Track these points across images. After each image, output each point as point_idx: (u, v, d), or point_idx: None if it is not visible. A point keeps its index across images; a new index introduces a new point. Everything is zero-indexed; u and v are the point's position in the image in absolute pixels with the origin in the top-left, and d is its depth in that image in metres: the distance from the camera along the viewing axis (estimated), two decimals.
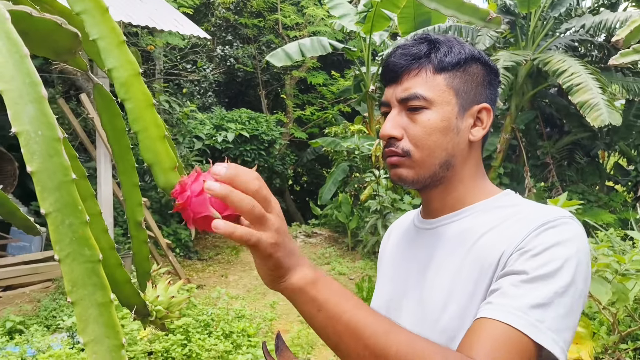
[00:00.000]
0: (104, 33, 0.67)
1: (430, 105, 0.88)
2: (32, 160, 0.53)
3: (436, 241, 0.94)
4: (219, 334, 3.90)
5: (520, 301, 0.72)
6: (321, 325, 0.67)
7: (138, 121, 0.70)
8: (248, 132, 8.30)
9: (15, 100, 0.55)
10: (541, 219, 0.81)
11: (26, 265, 5.41)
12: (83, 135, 5.88)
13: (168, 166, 0.73)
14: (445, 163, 0.90)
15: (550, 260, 0.76)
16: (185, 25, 5.73)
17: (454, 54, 0.90)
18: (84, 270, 0.53)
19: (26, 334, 3.98)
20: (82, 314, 0.52)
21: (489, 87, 0.93)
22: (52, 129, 0.54)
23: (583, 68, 6.34)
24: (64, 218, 0.52)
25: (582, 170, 8.69)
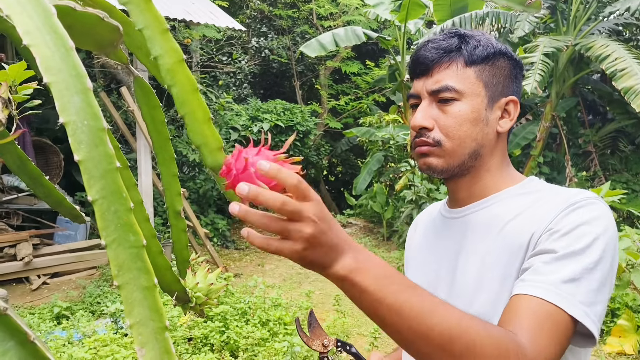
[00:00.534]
0: (148, 22, 0.69)
1: (461, 96, 0.92)
2: (79, 149, 0.55)
3: (464, 229, 0.97)
4: (256, 321, 3.96)
5: (552, 277, 0.76)
6: (367, 309, 0.69)
7: (185, 105, 0.72)
8: (283, 123, 8.35)
9: (62, 92, 0.57)
10: (569, 200, 0.84)
11: (72, 254, 5.62)
12: (124, 127, 6.03)
13: (215, 147, 0.75)
14: (474, 153, 0.94)
15: (579, 238, 0.79)
16: (220, 17, 5.79)
17: (483, 47, 0.93)
18: (129, 255, 0.55)
19: (72, 319, 4.14)
20: (128, 297, 0.54)
21: (515, 80, 0.97)
22: (97, 120, 0.56)
23: (628, 52, 6.11)
24: (109, 205, 0.55)
25: (627, 159, 8.39)
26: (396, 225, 7.48)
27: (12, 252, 5.26)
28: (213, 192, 7.12)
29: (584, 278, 0.76)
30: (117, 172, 0.55)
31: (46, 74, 0.59)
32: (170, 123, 7.50)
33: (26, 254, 5.24)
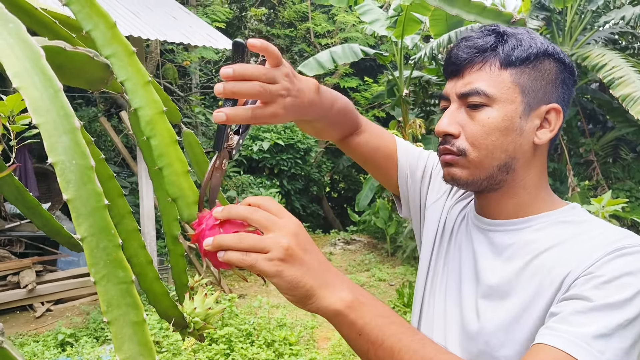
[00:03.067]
0: (130, 75, 0.70)
1: (492, 102, 0.82)
2: (68, 188, 0.56)
3: (489, 245, 0.88)
4: (261, 342, 3.94)
5: (583, 329, 0.68)
6: (362, 350, 0.66)
7: (163, 157, 0.73)
8: (283, 141, 8.38)
9: (51, 132, 0.58)
10: (615, 244, 0.74)
11: (75, 279, 5.61)
12: (124, 151, 6.06)
13: (192, 200, 0.75)
14: (504, 165, 0.83)
15: (620, 289, 0.70)
16: (218, 39, 5.85)
17: (523, 47, 0.82)
18: (119, 291, 0.56)
19: (76, 346, 4.13)
20: (118, 332, 0.55)
21: (562, 86, 0.85)
22: (85, 158, 0.57)
23: (624, 61, 6.14)
24: (98, 242, 0.55)
25: (629, 167, 8.38)
26: (400, 240, 7.45)
27: (15, 280, 5.26)
28: None
29: (617, 335, 0.68)
30: (105, 210, 0.56)
31: (35, 115, 0.60)
32: None
33: (29, 281, 5.24)
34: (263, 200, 0.67)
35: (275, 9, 10.84)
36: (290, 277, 0.62)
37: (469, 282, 0.89)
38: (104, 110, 7.41)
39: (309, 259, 0.64)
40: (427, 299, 0.99)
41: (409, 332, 0.66)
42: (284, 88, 0.72)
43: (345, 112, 0.99)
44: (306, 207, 9.66)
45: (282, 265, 0.62)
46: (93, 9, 0.71)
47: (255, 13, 10.38)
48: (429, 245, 1.02)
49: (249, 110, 0.70)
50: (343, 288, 0.65)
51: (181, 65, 8.46)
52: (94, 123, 6.89)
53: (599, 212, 3.51)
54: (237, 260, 0.62)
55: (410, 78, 8.17)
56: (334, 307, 0.64)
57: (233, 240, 0.62)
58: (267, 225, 0.64)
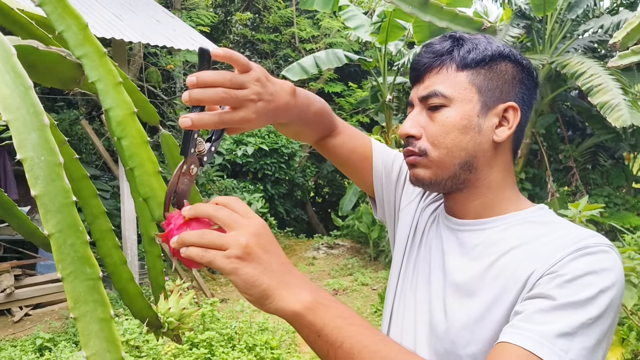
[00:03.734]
0: (101, 75, 0.71)
1: (450, 102, 0.85)
2: (36, 184, 0.57)
3: (457, 244, 0.90)
4: (242, 347, 3.93)
5: (546, 328, 0.68)
6: (322, 351, 0.66)
7: (134, 157, 0.73)
8: (267, 146, 8.38)
9: (20, 129, 0.59)
10: (579, 243, 0.75)
11: (54, 284, 5.53)
12: (106, 154, 6.02)
13: (162, 200, 0.76)
14: (466, 164, 0.86)
15: (584, 288, 0.71)
16: (202, 43, 5.84)
17: (478, 50, 0.86)
18: (86, 288, 0.56)
19: (55, 350, 4.07)
20: (85, 329, 0.55)
21: (520, 86, 0.88)
22: (53, 155, 0.58)
23: (602, 69, 6.25)
24: (65, 238, 0.56)
25: (607, 173, 8.52)
26: (382, 245, 7.48)
27: None
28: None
29: (581, 334, 0.68)
30: (73, 206, 0.57)
31: (5, 112, 0.61)
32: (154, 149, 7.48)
33: (8, 285, 5.16)
34: (230, 200, 0.68)
35: (261, 14, 10.85)
36: (246, 275, 0.63)
37: (437, 281, 0.90)
38: (85, 113, 7.34)
39: (269, 259, 0.65)
40: (397, 302, 0.99)
41: (369, 332, 0.66)
42: (255, 93, 0.73)
43: (322, 114, 1.00)
44: (290, 211, 9.65)
45: (239, 263, 0.62)
46: (66, 10, 0.72)
47: (240, 17, 10.39)
48: (401, 248, 1.03)
49: (215, 115, 0.70)
50: (302, 290, 0.66)
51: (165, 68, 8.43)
52: (75, 126, 6.83)
53: (575, 217, 3.56)
54: (196, 256, 0.63)
55: (394, 84, 8.23)
56: (291, 308, 0.64)
57: (194, 237, 0.63)
58: (230, 223, 0.65)
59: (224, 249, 0.63)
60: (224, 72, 0.70)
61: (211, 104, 0.70)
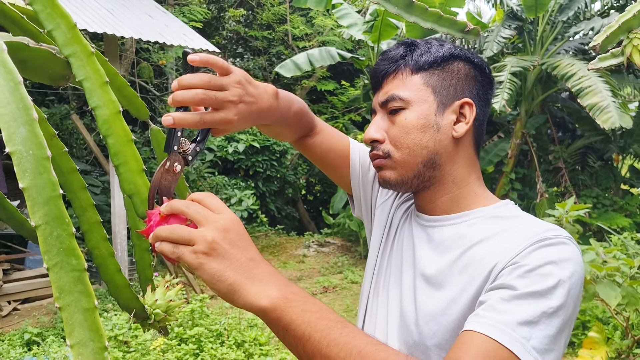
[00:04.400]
0: (88, 74, 0.73)
1: (408, 105, 0.89)
2: (24, 177, 0.58)
3: (427, 240, 0.92)
4: (231, 343, 3.94)
5: (508, 316, 0.70)
6: (292, 345, 0.68)
7: (119, 155, 0.75)
8: (259, 143, 8.38)
9: (10, 123, 0.60)
10: (538, 235, 0.78)
11: (43, 279, 5.52)
12: (96, 149, 6.00)
13: (146, 197, 0.78)
14: (429, 162, 0.89)
15: (544, 278, 0.73)
16: (194, 39, 5.84)
17: (430, 53, 0.90)
18: (71, 279, 0.58)
19: (43, 345, 4.07)
20: (69, 318, 0.57)
21: (474, 82, 0.92)
22: (41, 149, 0.59)
23: (592, 71, 6.31)
24: (52, 230, 0.58)
25: (596, 174, 8.61)
26: None
27: None
28: None
29: (542, 322, 0.70)
30: (60, 199, 0.59)
31: None
32: (146, 145, 7.48)
33: None
34: (203, 196, 0.70)
35: (254, 11, 10.84)
36: (212, 270, 0.64)
37: (408, 275, 0.92)
38: (76, 108, 7.31)
39: (236, 254, 0.66)
40: (371, 298, 1.01)
41: (338, 325, 0.67)
42: (235, 95, 0.76)
43: (302, 114, 1.04)
44: (281, 209, 9.67)
45: (204, 258, 0.64)
46: (55, 9, 0.74)
47: (233, 14, 10.37)
48: (375, 246, 1.06)
49: (197, 115, 0.73)
50: (270, 285, 0.67)
51: (157, 64, 8.40)
52: (66, 120, 6.80)
53: (563, 216, 3.61)
54: (167, 251, 0.65)
55: None
56: (259, 304, 0.66)
57: (166, 232, 0.65)
58: (199, 219, 0.66)
59: (192, 244, 0.65)
60: (203, 74, 0.73)
61: (191, 105, 0.73)
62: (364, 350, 0.66)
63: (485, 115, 0.94)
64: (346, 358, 0.65)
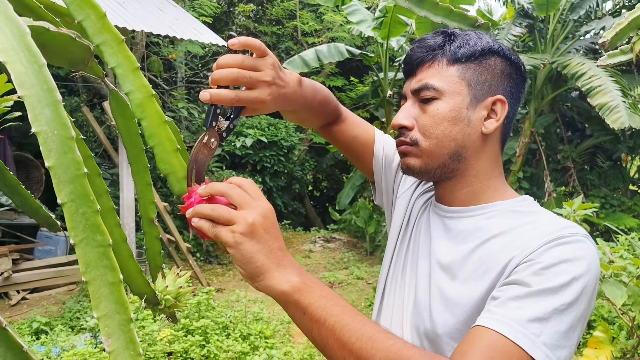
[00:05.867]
0: (120, 61, 0.75)
1: (441, 95, 0.88)
2: (50, 156, 0.60)
3: (444, 230, 0.93)
4: (237, 335, 3.97)
5: (519, 313, 0.71)
6: (307, 328, 0.71)
7: (153, 137, 0.79)
8: (267, 138, 8.40)
9: (35, 105, 0.62)
10: (556, 232, 0.78)
11: (52, 269, 5.58)
12: (106, 142, 6.04)
13: (182, 176, 0.82)
14: (455, 154, 0.89)
15: (557, 275, 0.74)
16: (204, 34, 5.86)
17: (469, 45, 0.90)
18: (96, 254, 0.60)
19: (51, 334, 4.11)
20: (95, 292, 0.59)
21: (509, 80, 0.92)
22: (66, 129, 0.61)
23: (602, 70, 6.28)
24: (77, 207, 0.59)
25: (605, 175, 8.56)
26: (379, 239, 7.52)
27: None
28: None
29: (553, 319, 0.71)
30: (84, 177, 0.60)
31: (20, 88, 0.64)
32: None
33: (5, 269, 5.19)
34: (244, 182, 0.73)
35: (264, 6, 10.85)
36: (245, 251, 0.68)
37: (424, 263, 0.94)
38: (86, 100, 7.36)
39: (269, 240, 0.70)
40: (388, 286, 1.03)
41: (351, 313, 0.71)
42: (269, 75, 0.79)
43: (327, 102, 1.06)
44: (288, 204, 9.69)
45: (241, 238, 0.68)
46: (85, 1, 0.76)
47: (243, 9, 10.38)
48: (394, 235, 1.07)
49: (232, 92, 0.76)
50: (292, 272, 0.71)
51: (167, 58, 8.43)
52: (76, 113, 6.84)
53: (570, 215, 3.60)
54: (206, 229, 0.68)
55: (395, 80, 8.25)
56: (280, 288, 0.69)
57: (206, 209, 0.69)
58: (241, 202, 0.70)
59: (231, 224, 0.68)
60: (239, 55, 0.76)
61: (226, 83, 0.76)
62: (374, 336, 0.69)
63: (515, 113, 0.94)
64: (357, 342, 0.68)
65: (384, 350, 0.67)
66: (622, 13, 7.62)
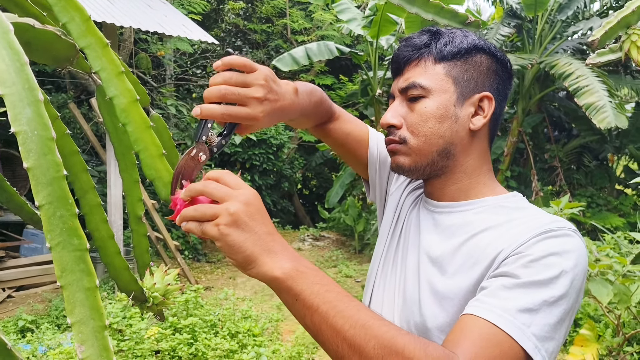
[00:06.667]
0: (104, 65, 0.74)
1: (428, 93, 0.89)
2: (29, 157, 0.59)
3: (433, 224, 0.94)
4: (225, 333, 3.95)
5: (509, 303, 0.72)
6: (300, 315, 0.69)
7: (138, 142, 0.78)
8: (256, 136, 8.38)
9: (15, 104, 0.61)
10: (544, 227, 0.79)
11: (38, 267, 5.52)
12: (94, 139, 5.99)
13: (168, 181, 0.81)
14: (443, 151, 0.90)
15: (546, 268, 0.74)
16: (193, 31, 5.82)
17: (454, 43, 0.90)
18: (73, 258, 0.59)
19: (37, 332, 4.07)
20: (70, 297, 0.58)
21: (495, 76, 0.93)
22: (46, 130, 0.60)
23: (589, 71, 6.33)
24: (55, 210, 0.59)
25: (591, 174, 8.65)
26: (367, 237, 7.53)
27: None
28: None
29: (543, 311, 0.72)
30: (63, 180, 0.59)
31: (1, 87, 0.63)
32: None
33: None
34: (221, 174, 0.72)
35: (253, 4, 10.80)
36: (232, 241, 0.67)
37: (413, 258, 0.94)
38: (74, 97, 7.28)
39: (255, 226, 0.68)
40: (377, 283, 1.03)
41: (345, 299, 0.69)
42: (259, 91, 0.78)
43: (320, 102, 1.06)
44: (277, 203, 9.67)
45: (226, 229, 0.67)
46: (69, 2, 0.75)
47: (232, 7, 10.33)
48: (385, 232, 1.08)
49: (222, 107, 0.76)
50: (285, 257, 0.69)
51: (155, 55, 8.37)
52: (63, 109, 6.77)
53: (557, 214, 3.63)
54: (193, 229, 0.68)
55: (384, 78, 8.26)
56: (271, 274, 0.68)
57: (190, 212, 0.68)
58: (220, 195, 0.69)
59: (215, 218, 0.67)
60: (227, 72, 0.76)
61: (214, 100, 0.76)
62: (367, 323, 0.68)
63: (502, 109, 0.95)
64: (350, 329, 0.67)
65: (378, 337, 0.66)
66: (610, 14, 7.69)
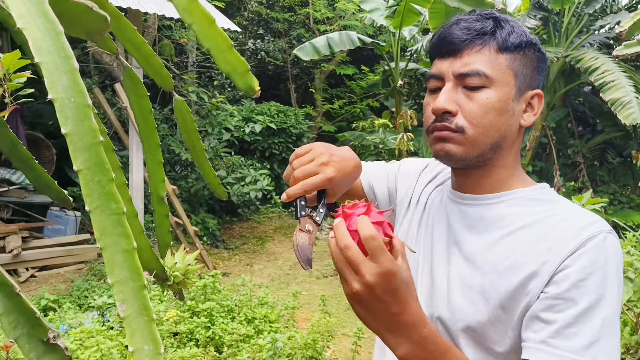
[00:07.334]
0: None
1: (490, 84, 0.85)
2: (66, 123, 0.61)
3: (463, 218, 0.92)
4: (242, 319, 4.00)
5: (575, 342, 0.74)
6: None
7: (207, 38, 0.81)
8: (276, 125, 8.40)
9: (52, 72, 0.62)
10: (586, 231, 0.79)
11: (61, 247, 5.64)
12: (117, 124, 6.06)
13: (243, 70, 0.84)
14: (495, 144, 0.87)
15: (596, 285, 0.75)
16: (217, 18, 5.82)
17: (516, 34, 0.87)
18: (111, 221, 0.60)
19: (59, 311, 4.16)
20: (110, 258, 0.60)
21: (541, 73, 0.91)
22: (83, 97, 0.61)
23: (616, 66, 6.22)
24: (93, 175, 0.60)
25: (614, 171, 8.51)
26: None
27: (0, 244, 5.28)
28: (204, 191, 7.15)
29: (603, 336, 0.74)
30: (100, 146, 0.61)
31: (37, 55, 0.64)
32: (164, 122, 7.53)
33: (15, 246, 5.26)
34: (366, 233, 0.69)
35: None
36: (356, 311, 0.73)
37: (440, 247, 0.94)
38: (98, 82, 7.38)
39: (379, 308, 0.71)
40: None
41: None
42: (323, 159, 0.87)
43: None
44: None
45: (351, 300, 0.72)
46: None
47: None
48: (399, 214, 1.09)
49: (301, 183, 0.86)
50: (404, 339, 0.73)
51: (178, 42, 8.42)
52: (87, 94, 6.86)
53: None
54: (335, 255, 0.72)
55: (406, 70, 8.21)
56: (396, 352, 0.74)
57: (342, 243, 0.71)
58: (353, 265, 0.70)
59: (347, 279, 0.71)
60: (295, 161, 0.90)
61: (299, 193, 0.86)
62: None
63: None
64: None
65: None
66: (639, 7, 7.52)
